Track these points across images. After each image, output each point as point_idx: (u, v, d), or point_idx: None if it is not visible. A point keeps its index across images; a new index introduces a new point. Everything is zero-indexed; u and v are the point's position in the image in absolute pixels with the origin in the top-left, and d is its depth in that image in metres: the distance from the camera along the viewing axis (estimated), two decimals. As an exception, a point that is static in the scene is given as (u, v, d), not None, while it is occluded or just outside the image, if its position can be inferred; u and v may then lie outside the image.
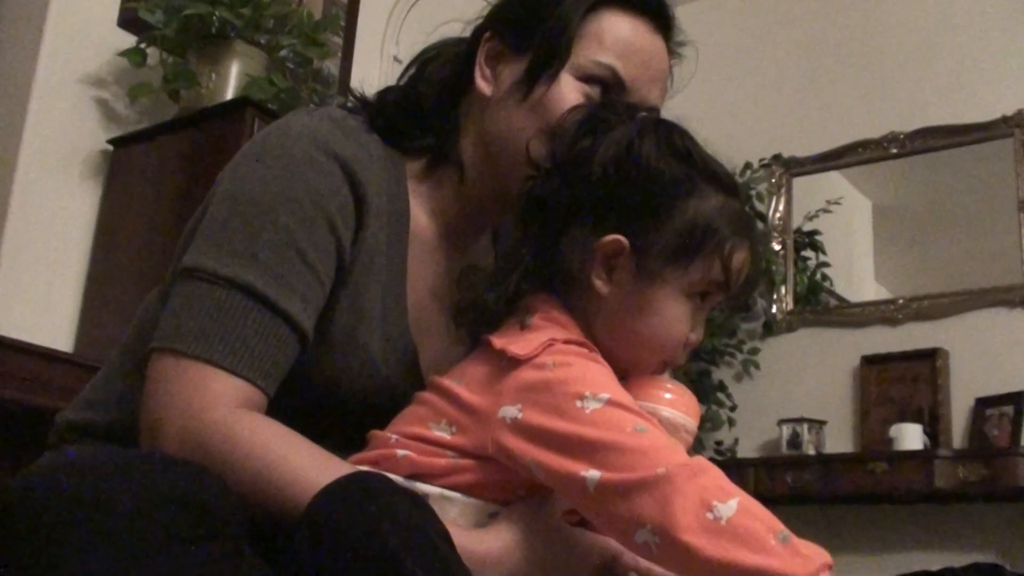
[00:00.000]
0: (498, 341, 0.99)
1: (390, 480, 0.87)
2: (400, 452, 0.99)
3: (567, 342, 0.98)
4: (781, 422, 3.97)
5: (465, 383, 1.00)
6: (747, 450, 4.13)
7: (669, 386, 1.06)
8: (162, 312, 1.05)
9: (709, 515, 0.83)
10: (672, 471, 0.86)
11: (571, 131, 1.05)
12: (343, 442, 1.03)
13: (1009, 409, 3.61)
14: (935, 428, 3.73)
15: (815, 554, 0.84)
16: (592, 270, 1.02)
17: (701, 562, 0.83)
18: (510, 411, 0.95)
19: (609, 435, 0.90)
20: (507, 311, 1.03)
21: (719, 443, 4.13)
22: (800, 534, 0.86)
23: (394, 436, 1.01)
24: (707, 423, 4.01)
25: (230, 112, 2.78)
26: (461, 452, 0.98)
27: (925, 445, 3.61)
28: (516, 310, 1.03)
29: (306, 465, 0.93)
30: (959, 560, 3.48)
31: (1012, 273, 3.81)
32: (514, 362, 0.97)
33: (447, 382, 1.01)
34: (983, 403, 3.71)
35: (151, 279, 2.43)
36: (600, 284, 1.02)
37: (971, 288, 3.90)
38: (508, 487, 0.97)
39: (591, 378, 0.95)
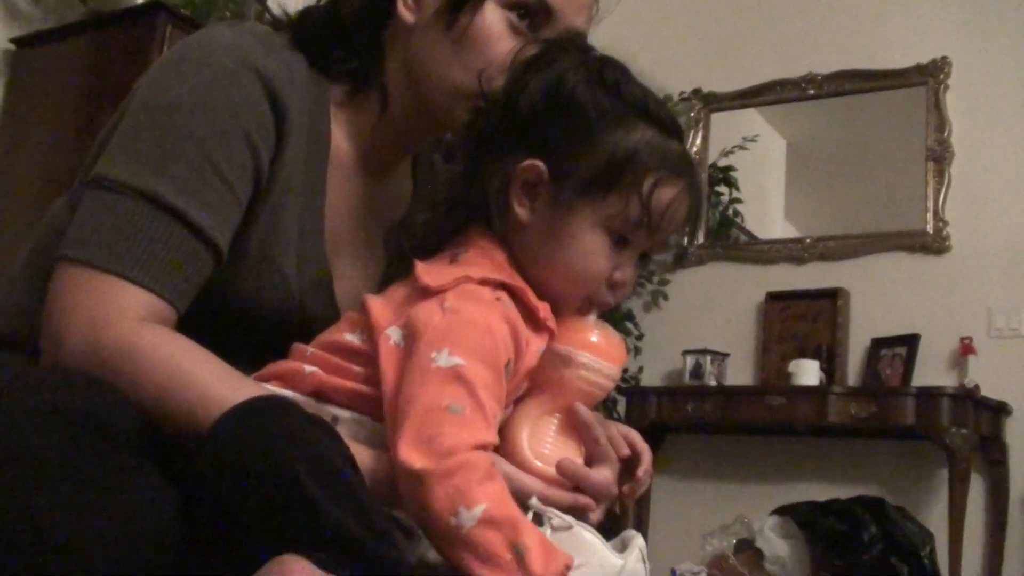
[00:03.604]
0: (421, 267, 1.00)
1: (295, 404, 0.87)
2: (308, 368, 0.99)
3: (482, 282, 0.98)
4: (685, 353, 4.05)
5: (384, 301, 1.01)
6: (651, 378, 4.22)
7: (596, 331, 1.05)
8: (70, 221, 1.02)
9: (453, 520, 0.85)
10: (429, 468, 0.86)
11: (519, 67, 1.05)
12: (255, 361, 1.03)
13: (903, 350, 3.74)
14: (832, 365, 3.86)
15: (551, 570, 0.86)
16: (512, 195, 1.02)
17: (446, 562, 0.88)
18: (396, 333, 0.96)
19: (426, 399, 0.90)
20: (442, 239, 1.04)
21: (624, 371, 4.20)
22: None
23: (311, 349, 1.02)
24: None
25: (141, 16, 2.69)
26: (367, 361, 0.98)
27: (821, 381, 3.72)
28: (455, 240, 1.04)
29: (212, 382, 0.92)
30: (846, 492, 3.61)
31: (916, 219, 3.92)
32: (424, 291, 0.97)
33: (371, 300, 1.01)
34: (879, 343, 3.83)
35: (55, 184, 2.36)
36: (521, 211, 1.02)
37: (875, 231, 4.01)
38: None
39: (462, 335, 0.93)
